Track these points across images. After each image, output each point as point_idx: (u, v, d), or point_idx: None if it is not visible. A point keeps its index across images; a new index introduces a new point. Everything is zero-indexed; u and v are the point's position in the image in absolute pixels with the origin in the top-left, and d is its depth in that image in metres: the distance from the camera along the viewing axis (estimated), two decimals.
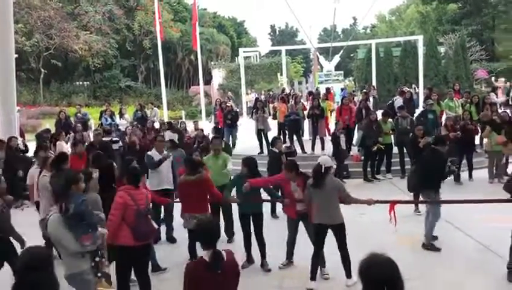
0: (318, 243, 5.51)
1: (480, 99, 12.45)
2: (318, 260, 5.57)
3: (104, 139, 10.68)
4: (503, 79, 23.38)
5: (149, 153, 7.52)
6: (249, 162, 6.18)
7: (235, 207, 6.61)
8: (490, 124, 9.82)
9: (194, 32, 21.48)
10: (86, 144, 10.66)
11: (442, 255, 6.38)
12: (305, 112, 13.62)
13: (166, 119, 18.13)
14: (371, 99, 14.68)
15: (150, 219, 4.94)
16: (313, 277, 5.51)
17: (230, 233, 7.26)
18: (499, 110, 12.34)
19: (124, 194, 4.81)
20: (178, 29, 41.95)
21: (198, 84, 24.00)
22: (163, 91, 20.84)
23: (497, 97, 14.61)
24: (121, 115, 15.86)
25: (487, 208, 6.89)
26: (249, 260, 6.24)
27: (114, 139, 11.64)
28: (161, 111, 20.56)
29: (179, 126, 13.23)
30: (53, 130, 13.31)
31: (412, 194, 7.47)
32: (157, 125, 14.40)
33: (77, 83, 41.68)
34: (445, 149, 7.02)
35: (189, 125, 15.70)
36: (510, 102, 14.69)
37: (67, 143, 11.29)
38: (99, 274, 4.49)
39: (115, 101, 34.12)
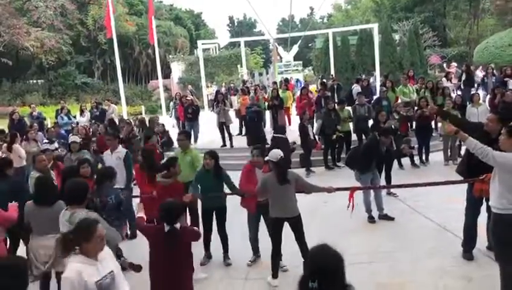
0: (276, 237, 5.42)
1: (434, 84, 12.83)
2: (278, 257, 5.51)
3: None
4: (455, 64, 24.21)
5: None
6: (215, 155, 6.08)
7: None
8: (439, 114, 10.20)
9: (150, 26, 21.03)
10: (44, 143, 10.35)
11: (403, 237, 6.58)
12: (266, 103, 13.68)
13: (125, 116, 17.79)
14: (335, 87, 14.97)
15: None
16: (275, 275, 5.46)
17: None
18: (452, 95, 12.76)
19: None
20: (134, 23, 41.05)
21: (157, 79, 23.61)
22: (120, 87, 20.34)
23: (450, 82, 15.13)
24: (81, 112, 15.46)
25: (443, 189, 7.13)
26: (208, 255, 6.21)
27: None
28: (120, 107, 20.11)
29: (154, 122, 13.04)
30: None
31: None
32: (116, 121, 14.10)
33: (30, 81, 40.18)
34: (389, 139, 7.36)
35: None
36: (461, 86, 15.22)
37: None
38: None
39: (71, 99, 33.13)
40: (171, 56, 37.03)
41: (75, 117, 15.43)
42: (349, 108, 11.77)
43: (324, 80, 17.97)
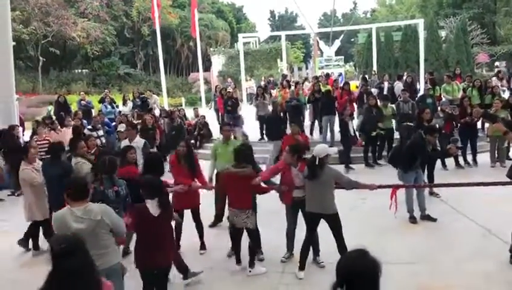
0: (310, 231, 5.42)
1: (483, 83, 12.37)
2: (308, 248, 5.46)
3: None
4: (503, 63, 23.26)
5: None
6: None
7: None
8: (485, 116, 9.89)
9: (192, 19, 21.29)
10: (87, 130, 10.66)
11: (445, 239, 6.38)
12: (306, 97, 13.57)
13: (166, 107, 18.08)
14: (385, 84, 14.66)
15: None
16: (301, 267, 5.41)
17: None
18: (502, 94, 12.27)
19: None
20: (177, 16, 41.58)
21: (198, 71, 23.87)
22: (162, 78, 20.67)
23: (501, 81, 14.53)
24: (124, 102, 15.86)
25: (489, 191, 6.88)
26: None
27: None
28: (161, 98, 20.46)
29: (178, 113, 13.18)
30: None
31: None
32: (157, 112, 14.37)
33: (76, 70, 41.46)
34: (435, 138, 7.15)
35: (190, 112, 15.71)
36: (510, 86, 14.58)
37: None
38: None
39: (114, 89, 33.97)
40: (211, 49, 37.32)
41: (117, 106, 15.82)
42: (392, 105, 11.49)
43: (366, 76, 17.68)
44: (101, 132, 10.87)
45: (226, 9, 55.37)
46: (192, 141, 13.71)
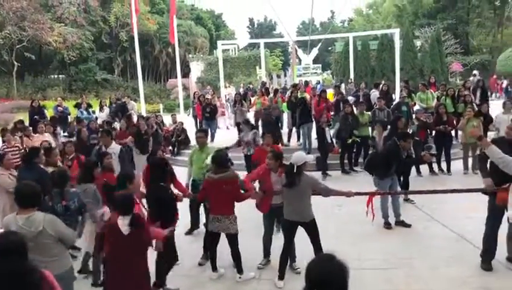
0: (287, 239, 5.42)
1: (456, 92, 12.66)
2: (287, 257, 5.47)
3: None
4: (476, 72, 23.87)
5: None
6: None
7: None
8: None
9: (171, 25, 21.15)
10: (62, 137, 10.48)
11: (419, 244, 6.48)
12: (284, 104, 13.65)
13: (144, 113, 17.93)
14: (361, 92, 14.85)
15: None
16: (281, 276, 5.40)
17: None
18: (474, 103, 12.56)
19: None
20: (155, 22, 41.43)
21: (176, 77, 23.74)
22: (140, 84, 20.48)
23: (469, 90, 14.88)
24: (101, 108, 15.66)
25: (462, 198, 7.03)
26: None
27: None
28: (138, 104, 20.27)
29: (155, 119, 13.07)
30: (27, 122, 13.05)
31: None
32: (134, 118, 14.23)
33: (52, 76, 40.85)
34: (409, 144, 7.30)
35: (168, 119, 15.62)
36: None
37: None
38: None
39: (91, 95, 33.56)
40: (190, 55, 37.29)
41: (94, 112, 15.61)
42: (369, 113, 11.66)
43: (338, 84, 17.94)
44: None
45: (205, 16, 55.43)
46: (170, 148, 13.67)
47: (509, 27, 42.20)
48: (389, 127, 10.37)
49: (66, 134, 10.98)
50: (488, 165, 5.28)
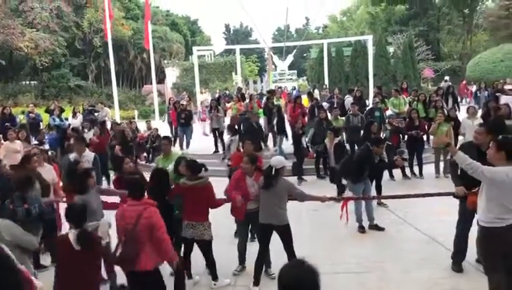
0: (263, 243, 5.46)
1: (427, 97, 12.95)
2: (262, 263, 5.49)
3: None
4: (447, 78, 24.43)
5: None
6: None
7: None
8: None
9: (146, 30, 21.00)
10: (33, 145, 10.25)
11: (392, 247, 6.59)
12: (260, 110, 13.71)
13: (118, 120, 17.72)
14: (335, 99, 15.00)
15: (133, 243, 4.17)
16: (256, 282, 5.42)
17: None
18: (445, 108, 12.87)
19: (120, 208, 4.41)
20: (130, 27, 41.05)
21: (152, 83, 23.56)
22: (114, 90, 20.22)
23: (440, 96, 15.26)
24: (74, 115, 15.40)
25: (434, 201, 7.18)
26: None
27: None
28: (113, 111, 20.02)
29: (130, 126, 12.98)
30: None
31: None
32: (108, 125, 14.06)
33: (24, 82, 39.95)
34: (382, 149, 7.41)
35: (143, 125, 15.48)
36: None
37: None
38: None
39: (64, 101, 32.94)
40: (166, 61, 37.06)
41: (67, 119, 15.34)
42: (343, 118, 11.82)
43: (311, 91, 18.15)
44: (47, 146, 10.49)
45: (180, 22, 55.25)
46: (145, 154, 13.55)
47: (477, 34, 43.45)
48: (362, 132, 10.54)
49: (36, 142, 10.75)
50: (459, 170, 5.41)
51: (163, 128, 16.23)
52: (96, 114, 15.32)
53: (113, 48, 20.28)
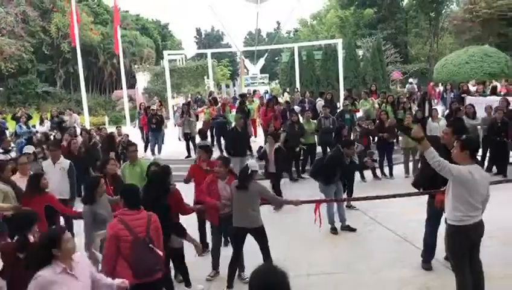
0: (237, 247, 5.48)
1: (395, 99, 13.21)
2: (236, 266, 5.50)
3: None
4: (414, 80, 25.01)
5: None
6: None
7: None
8: (399, 128, 10.56)
9: (115, 35, 20.79)
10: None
11: (364, 248, 6.69)
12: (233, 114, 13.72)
13: (88, 126, 17.42)
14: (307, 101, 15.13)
15: (154, 249, 4.04)
16: (229, 285, 5.43)
17: None
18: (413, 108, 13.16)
19: (115, 223, 4.05)
20: (99, 32, 40.42)
21: (122, 89, 23.27)
22: (83, 96, 19.91)
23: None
24: (41, 121, 15.05)
25: (403, 201, 7.30)
26: None
27: None
28: (82, 117, 19.68)
29: (98, 132, 12.76)
30: None
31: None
32: (78, 132, 13.79)
33: None
34: (352, 151, 7.50)
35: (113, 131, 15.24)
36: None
37: None
38: None
39: (32, 108, 32.14)
40: (136, 66, 36.58)
41: (34, 126, 14.98)
42: (315, 121, 11.92)
43: (274, 95, 18.38)
44: (13, 154, 10.21)
45: (150, 26, 54.73)
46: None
47: (443, 37, 44.65)
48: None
49: (1, 150, 10.43)
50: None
51: (135, 134, 16.03)
52: (66, 122, 15.01)
53: (82, 53, 19.97)
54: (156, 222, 4.15)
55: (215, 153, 9.40)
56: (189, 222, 5.67)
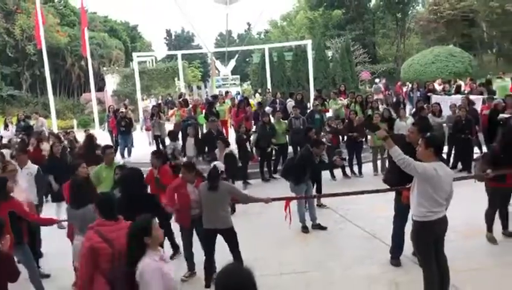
0: (208, 248, 5.49)
1: (364, 98, 13.44)
2: (210, 266, 5.51)
3: None
4: (383, 80, 25.51)
5: None
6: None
7: None
8: (367, 127, 10.75)
9: (83, 37, 20.46)
10: None
11: (335, 246, 6.78)
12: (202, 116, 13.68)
13: (55, 130, 17.06)
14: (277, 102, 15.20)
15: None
16: (207, 285, 5.46)
17: None
18: (380, 108, 13.41)
19: (92, 235, 3.74)
20: (66, 34, 39.57)
21: (91, 91, 22.87)
22: (51, 100, 19.48)
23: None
24: (6, 126, 14.65)
25: (372, 198, 7.45)
26: None
27: None
28: (49, 121, 19.24)
29: (67, 136, 12.49)
30: None
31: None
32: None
33: None
34: (322, 150, 7.60)
35: (82, 135, 14.96)
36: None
37: None
38: None
39: None
40: (105, 68, 35.99)
41: None
42: (286, 121, 12.01)
43: (246, 96, 18.49)
44: None
45: (119, 28, 53.91)
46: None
47: (410, 37, 45.66)
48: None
49: None
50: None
51: (104, 137, 15.77)
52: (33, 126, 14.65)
53: (49, 56, 19.55)
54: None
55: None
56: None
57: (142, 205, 4.77)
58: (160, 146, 12.95)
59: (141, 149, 14.17)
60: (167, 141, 12.99)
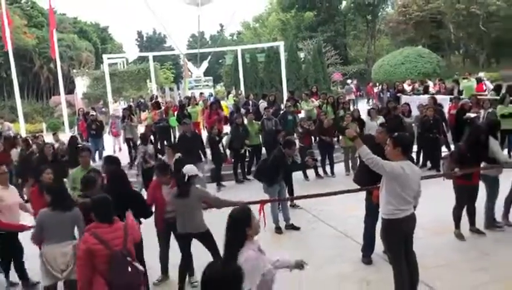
0: (184, 251, 5.47)
1: (335, 99, 13.61)
2: (186, 271, 5.49)
3: None
4: (354, 81, 25.82)
5: None
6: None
7: None
8: (337, 129, 10.95)
9: (51, 39, 20.02)
10: None
11: (308, 246, 6.84)
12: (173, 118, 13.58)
13: (23, 134, 16.63)
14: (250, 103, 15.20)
15: (133, 263, 3.87)
16: (181, 288, 5.44)
17: None
18: (352, 108, 13.63)
19: (88, 237, 3.82)
20: (34, 36, 38.64)
21: (60, 94, 22.40)
22: (18, 103, 18.98)
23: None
24: None
25: (344, 198, 7.52)
26: None
27: None
28: (17, 124, 18.75)
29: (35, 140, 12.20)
30: None
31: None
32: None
33: None
34: (293, 151, 7.65)
35: (50, 139, 14.63)
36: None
37: None
38: None
39: None
40: (75, 70, 35.33)
41: None
42: (258, 122, 12.04)
43: (218, 99, 18.50)
44: None
45: (89, 29, 52.95)
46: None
47: (380, 39, 46.47)
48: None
49: None
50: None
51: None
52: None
53: (16, 58, 19.07)
54: (133, 234, 4.03)
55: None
56: None
57: (130, 203, 4.86)
58: (133, 149, 12.78)
59: (112, 152, 13.95)
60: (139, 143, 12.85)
